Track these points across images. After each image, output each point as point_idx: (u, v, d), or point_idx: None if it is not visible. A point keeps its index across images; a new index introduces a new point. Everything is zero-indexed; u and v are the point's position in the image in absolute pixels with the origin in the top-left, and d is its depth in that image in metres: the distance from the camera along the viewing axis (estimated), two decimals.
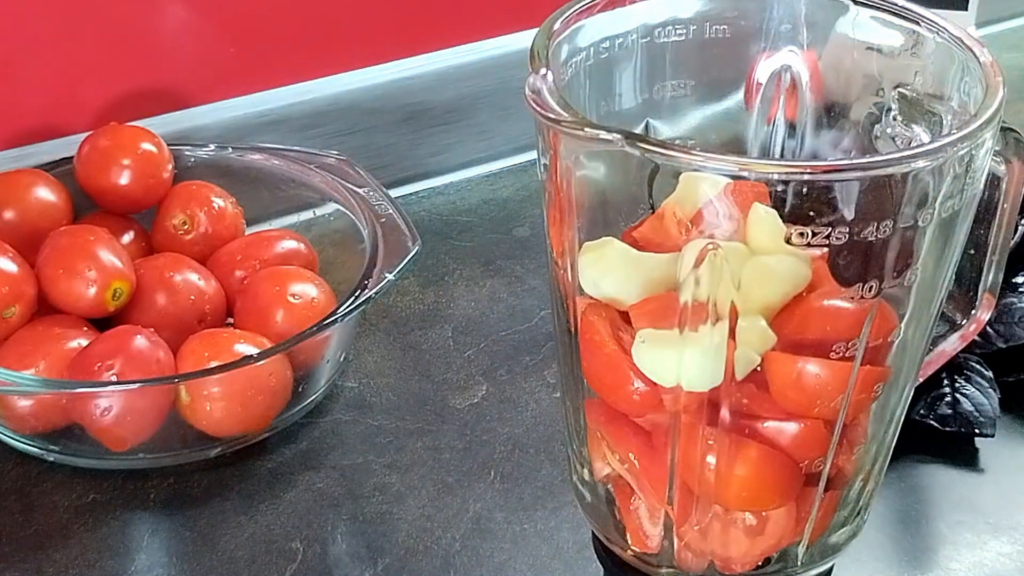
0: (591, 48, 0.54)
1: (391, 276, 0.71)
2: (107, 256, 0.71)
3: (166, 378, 0.68)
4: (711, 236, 0.48)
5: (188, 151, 0.81)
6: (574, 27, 0.53)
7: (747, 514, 0.53)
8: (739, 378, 0.50)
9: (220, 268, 0.76)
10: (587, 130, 0.46)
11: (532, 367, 0.77)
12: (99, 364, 0.66)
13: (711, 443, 0.51)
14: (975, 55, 0.51)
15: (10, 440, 0.70)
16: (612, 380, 0.52)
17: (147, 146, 0.78)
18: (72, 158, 0.78)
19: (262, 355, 0.68)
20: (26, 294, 0.70)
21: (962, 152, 0.47)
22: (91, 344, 0.68)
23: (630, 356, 0.51)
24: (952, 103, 0.52)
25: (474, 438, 0.72)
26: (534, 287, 0.83)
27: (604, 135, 0.46)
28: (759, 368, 0.50)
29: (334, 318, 0.69)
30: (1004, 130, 0.52)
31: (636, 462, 0.54)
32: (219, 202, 0.79)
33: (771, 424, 0.51)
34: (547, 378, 0.76)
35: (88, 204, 0.78)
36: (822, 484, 0.53)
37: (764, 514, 0.53)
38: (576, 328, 0.53)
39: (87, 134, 0.79)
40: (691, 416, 0.51)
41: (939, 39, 0.53)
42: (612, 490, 0.57)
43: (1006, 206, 0.55)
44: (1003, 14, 1.15)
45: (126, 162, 0.77)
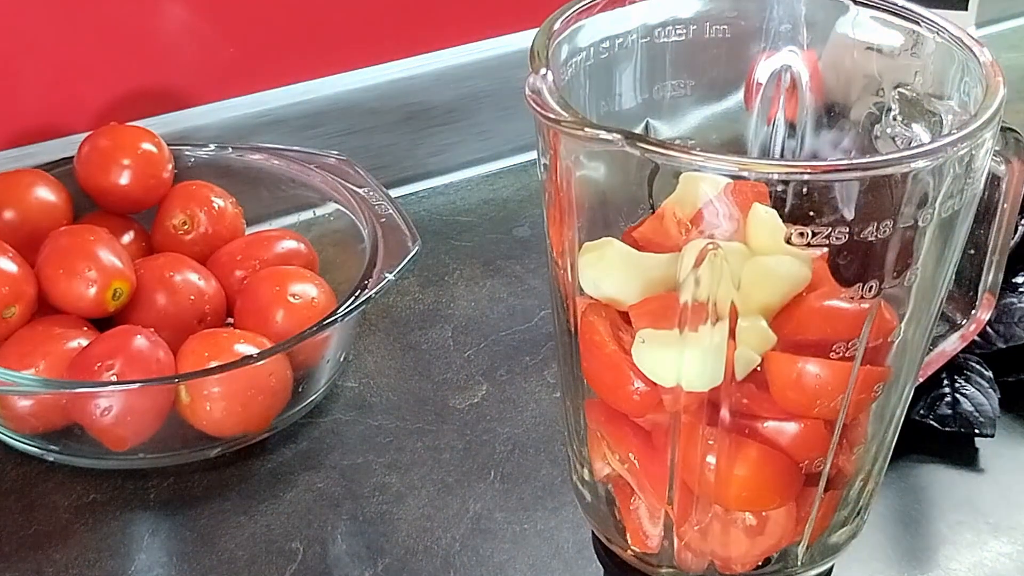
0: (591, 48, 0.54)
1: (391, 276, 0.71)
2: (107, 256, 0.71)
3: (166, 378, 0.68)
4: (711, 236, 0.48)
5: (188, 151, 0.81)
6: (574, 27, 0.53)
7: (747, 514, 0.53)
8: (739, 378, 0.50)
9: (220, 268, 0.76)
10: (587, 130, 0.46)
11: (532, 367, 0.77)
12: (99, 364, 0.66)
13: (711, 443, 0.51)
14: (975, 55, 0.51)
15: (10, 440, 0.70)
16: (612, 380, 0.52)
17: (147, 146, 0.78)
18: (72, 158, 0.78)
19: (262, 355, 0.68)
20: (26, 294, 0.70)
21: (962, 152, 0.47)
22: (91, 344, 0.68)
23: (630, 356, 0.50)
24: (952, 103, 0.52)
25: (474, 438, 0.72)
26: (534, 287, 0.83)
27: (604, 135, 0.46)
28: (759, 368, 0.50)
29: (334, 318, 0.69)
30: (1004, 130, 0.52)
31: (636, 462, 0.54)
32: (219, 202, 0.79)
33: (771, 424, 0.51)
34: (547, 378, 0.76)
35: (88, 204, 0.78)
36: (822, 484, 0.53)
37: (764, 514, 0.53)
38: (576, 328, 0.53)
39: (87, 134, 0.79)
40: (691, 416, 0.51)
41: (939, 39, 0.53)
42: (612, 490, 0.57)
43: (1006, 206, 0.55)
44: (1003, 14, 1.14)
45: (126, 162, 0.77)
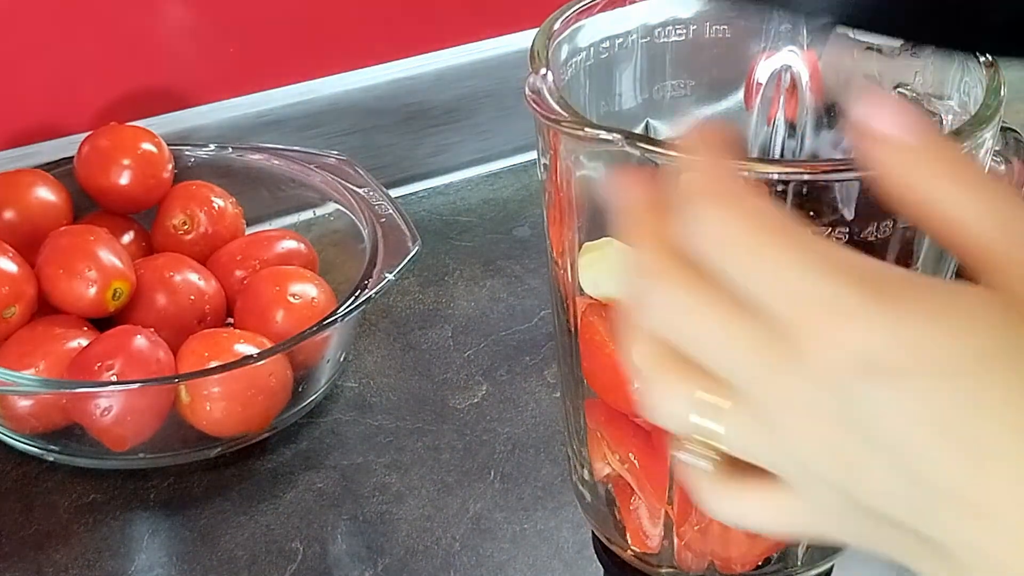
0: (591, 48, 0.54)
1: (391, 276, 0.71)
2: (107, 256, 0.71)
3: (166, 378, 0.68)
4: None
5: (188, 151, 0.81)
6: (574, 27, 0.53)
7: None
8: None
9: (220, 268, 0.76)
10: (587, 130, 0.46)
11: (532, 367, 0.77)
12: (99, 364, 0.66)
13: None
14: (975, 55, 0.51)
15: (10, 440, 0.70)
16: (612, 380, 0.52)
17: (147, 146, 0.78)
18: (72, 158, 0.78)
19: (262, 355, 0.68)
20: (26, 294, 0.70)
21: (962, 152, 0.47)
22: (91, 344, 0.68)
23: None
24: (952, 103, 0.52)
25: (474, 438, 0.72)
26: (534, 287, 0.83)
27: (604, 135, 0.46)
28: None
29: (334, 318, 0.69)
30: (1004, 130, 0.51)
31: (636, 462, 0.54)
32: (219, 202, 0.79)
33: None
34: (547, 378, 0.76)
35: (88, 204, 0.78)
36: None
37: None
38: (576, 328, 0.53)
39: (87, 134, 0.79)
40: None
41: None
42: (612, 490, 0.57)
43: None
44: None
45: (126, 162, 0.77)
